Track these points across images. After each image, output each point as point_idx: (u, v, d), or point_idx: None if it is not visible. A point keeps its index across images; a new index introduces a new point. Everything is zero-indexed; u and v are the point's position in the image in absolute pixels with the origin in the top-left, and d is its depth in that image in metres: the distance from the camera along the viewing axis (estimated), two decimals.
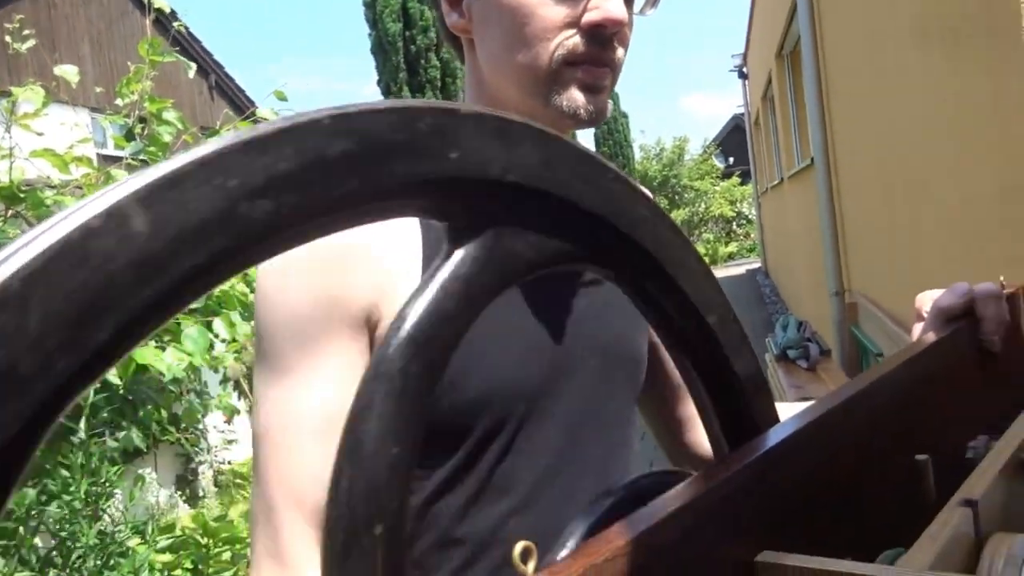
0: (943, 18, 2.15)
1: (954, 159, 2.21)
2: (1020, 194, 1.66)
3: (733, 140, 24.98)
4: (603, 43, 0.68)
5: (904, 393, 0.54)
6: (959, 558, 0.37)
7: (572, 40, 0.67)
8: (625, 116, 21.43)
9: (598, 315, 0.74)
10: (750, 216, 20.74)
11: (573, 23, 0.67)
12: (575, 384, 0.70)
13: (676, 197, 22.27)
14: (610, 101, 0.75)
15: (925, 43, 2.36)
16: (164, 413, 2.61)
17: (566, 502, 0.67)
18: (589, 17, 0.66)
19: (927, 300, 0.72)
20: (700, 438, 0.87)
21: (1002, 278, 0.77)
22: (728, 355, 0.42)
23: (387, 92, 13.37)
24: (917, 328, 0.72)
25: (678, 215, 21.64)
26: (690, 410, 0.86)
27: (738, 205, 22.03)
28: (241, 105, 10.46)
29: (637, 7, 0.73)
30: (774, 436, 0.41)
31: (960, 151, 2.14)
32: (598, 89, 0.69)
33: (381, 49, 13.11)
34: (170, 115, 2.43)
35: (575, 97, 0.68)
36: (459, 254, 0.30)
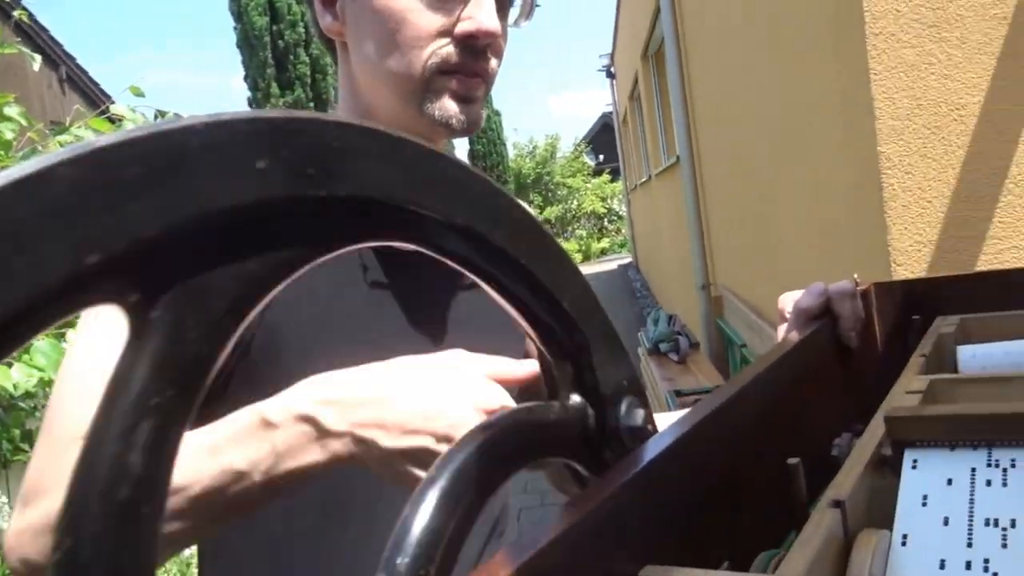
0: (794, 23, 2.27)
1: (805, 158, 2.34)
2: (865, 192, 1.77)
3: (603, 138, 25.62)
4: (476, 53, 0.67)
5: (773, 394, 0.56)
6: (831, 558, 0.38)
7: (445, 49, 0.66)
8: (498, 114, 21.61)
9: (463, 324, 0.73)
10: (621, 212, 21.34)
11: (446, 32, 0.66)
12: None
13: (549, 194, 22.65)
14: (484, 108, 0.74)
15: (777, 47, 2.48)
16: (16, 431, 2.43)
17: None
18: (462, 27, 0.66)
19: (789, 301, 0.75)
20: None
21: (856, 276, 0.81)
22: (605, 363, 0.42)
23: (255, 88, 12.97)
24: (781, 328, 0.75)
25: (552, 212, 22.01)
26: None
27: (609, 202, 22.63)
28: (96, 99, 9.83)
29: (511, 19, 0.73)
30: (653, 448, 0.41)
31: (810, 151, 2.27)
32: (471, 99, 0.69)
33: (247, 44, 12.69)
34: (12, 111, 2.25)
35: (447, 106, 0.68)
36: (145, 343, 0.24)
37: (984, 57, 1.62)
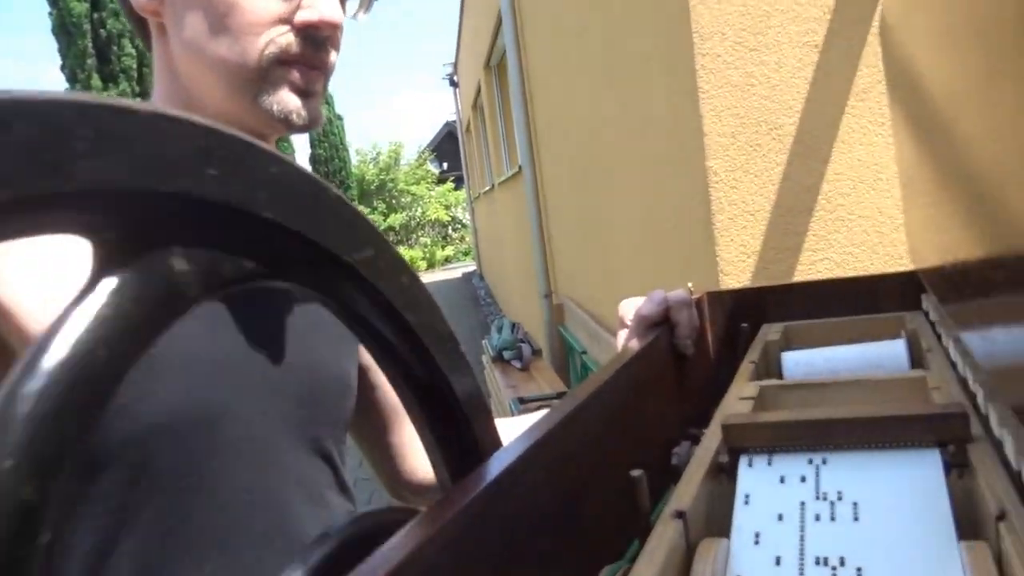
0: (627, 39, 2.36)
1: (639, 171, 2.43)
2: (694, 204, 1.86)
3: (447, 146, 25.72)
4: (317, 44, 0.64)
5: (617, 403, 0.56)
6: (675, 568, 0.38)
7: (284, 38, 0.62)
8: (340, 119, 21.21)
9: (301, 337, 0.69)
10: (465, 221, 21.47)
11: (285, 20, 0.62)
12: (274, 408, 0.65)
13: (393, 201, 22.46)
14: (325, 105, 0.71)
15: (612, 62, 2.57)
16: None
17: (263, 545, 0.61)
18: (304, 16, 0.62)
19: (630, 308, 0.76)
20: (418, 464, 0.84)
21: (690, 284, 0.84)
22: (447, 375, 0.40)
23: (73, 79, 12.05)
24: (621, 335, 0.76)
25: (396, 219, 21.84)
26: (407, 436, 0.84)
27: (453, 210, 22.74)
28: None
29: (350, 11, 0.69)
30: (498, 463, 0.40)
31: (644, 164, 2.36)
32: (311, 93, 0.65)
33: (64, 31, 11.78)
34: None
35: (287, 100, 0.63)
36: (108, 284, 0.25)
37: (798, 81, 1.74)
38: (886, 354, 0.72)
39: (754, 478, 0.45)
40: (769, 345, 0.77)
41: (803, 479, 0.44)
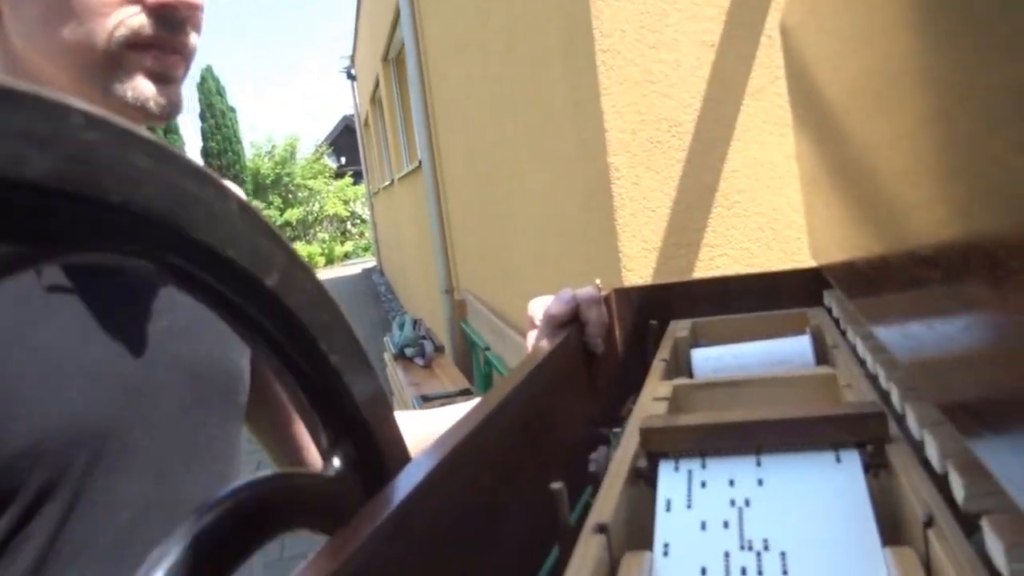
0: (529, 34, 2.35)
1: (542, 166, 2.43)
2: (597, 200, 1.86)
3: (345, 140, 25.25)
4: (174, 26, 0.58)
5: (530, 407, 0.54)
6: None
7: (136, 19, 0.56)
8: (233, 111, 20.52)
9: (184, 332, 0.64)
10: (364, 216, 21.15)
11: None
12: (160, 413, 0.60)
13: (290, 196, 21.93)
14: (218, 96, 0.66)
15: (513, 56, 2.56)
16: None
17: None
18: None
19: (539, 307, 0.74)
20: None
21: (598, 281, 0.83)
22: (345, 379, 0.37)
23: None
24: (531, 336, 0.74)
25: (293, 214, 21.33)
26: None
27: (352, 205, 22.37)
28: None
29: None
30: (407, 481, 0.37)
31: (546, 159, 2.36)
32: (169, 79, 0.60)
33: None
34: None
35: (142, 87, 0.58)
36: None
37: (696, 79, 1.77)
38: (792, 350, 0.73)
39: (674, 484, 0.43)
40: (678, 342, 0.76)
41: (724, 483, 0.43)
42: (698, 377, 0.70)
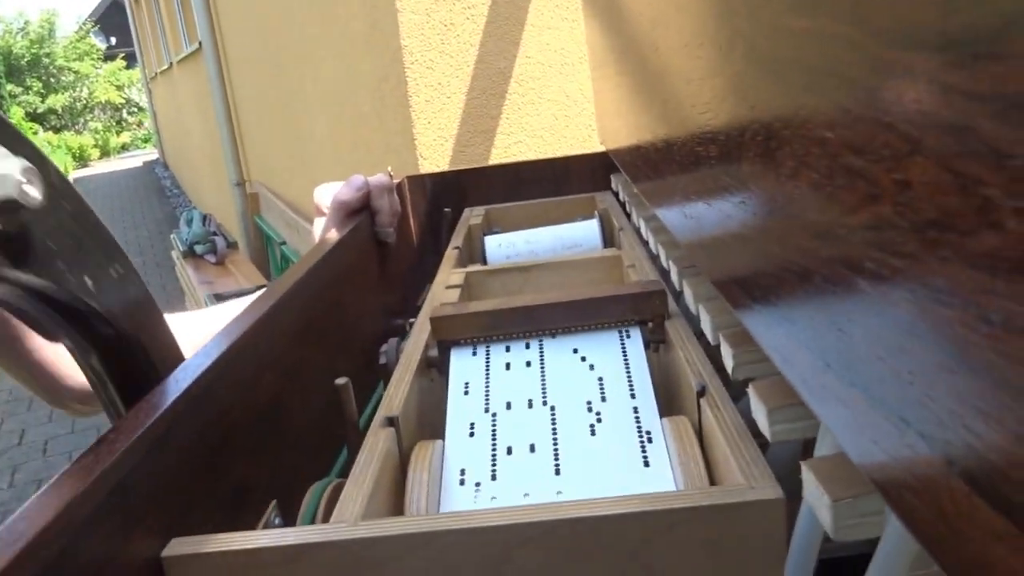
0: None
1: (333, 50, 2.30)
2: (391, 85, 1.80)
3: (114, 18, 22.65)
4: None
5: (317, 300, 0.51)
6: (389, 478, 0.35)
7: None
8: None
9: None
10: (142, 103, 19.33)
11: None
12: None
13: (52, 80, 19.56)
14: None
15: None
16: None
17: None
18: None
19: (326, 194, 0.70)
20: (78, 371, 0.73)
21: (390, 168, 0.79)
22: (92, 288, 0.33)
23: None
24: (318, 224, 0.70)
25: (57, 100, 19.10)
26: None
27: (127, 91, 20.33)
28: None
29: None
30: (176, 384, 0.34)
31: (337, 43, 2.23)
32: None
33: None
34: None
35: None
36: None
37: None
38: (581, 234, 0.74)
39: (466, 370, 0.43)
40: (472, 229, 0.75)
41: (517, 366, 0.43)
42: (492, 263, 0.70)
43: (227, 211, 4.87)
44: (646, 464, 0.35)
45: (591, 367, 0.42)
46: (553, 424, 0.39)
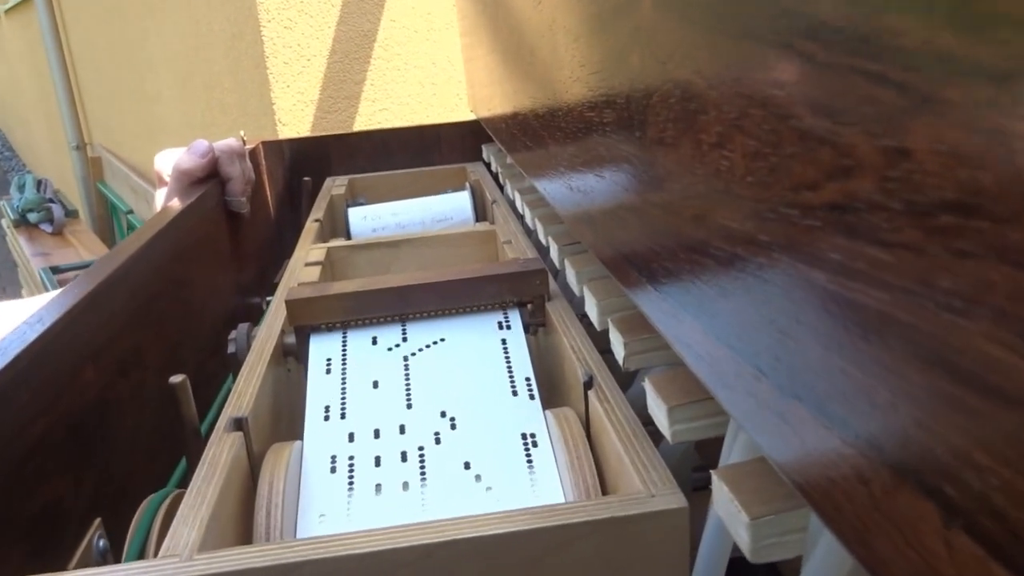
0: None
1: (182, 4, 2.14)
2: (246, 44, 1.68)
3: None
4: None
5: (153, 280, 0.45)
6: (237, 492, 0.30)
7: None
8: None
9: None
10: None
11: None
12: None
13: None
14: None
15: None
16: None
17: None
18: None
19: (167, 162, 0.63)
20: None
21: (242, 133, 0.73)
22: None
23: None
24: (160, 196, 0.63)
25: None
26: None
27: None
28: None
29: None
30: None
31: None
32: None
33: None
34: None
35: None
36: None
37: None
38: (452, 207, 0.70)
39: (326, 357, 0.38)
40: (334, 200, 0.70)
41: (382, 352, 0.38)
42: (356, 238, 0.65)
43: (66, 176, 4.50)
44: (530, 468, 0.31)
45: (465, 354, 0.38)
46: (427, 413, 0.35)
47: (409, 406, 0.35)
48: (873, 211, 0.12)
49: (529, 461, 0.32)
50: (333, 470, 0.32)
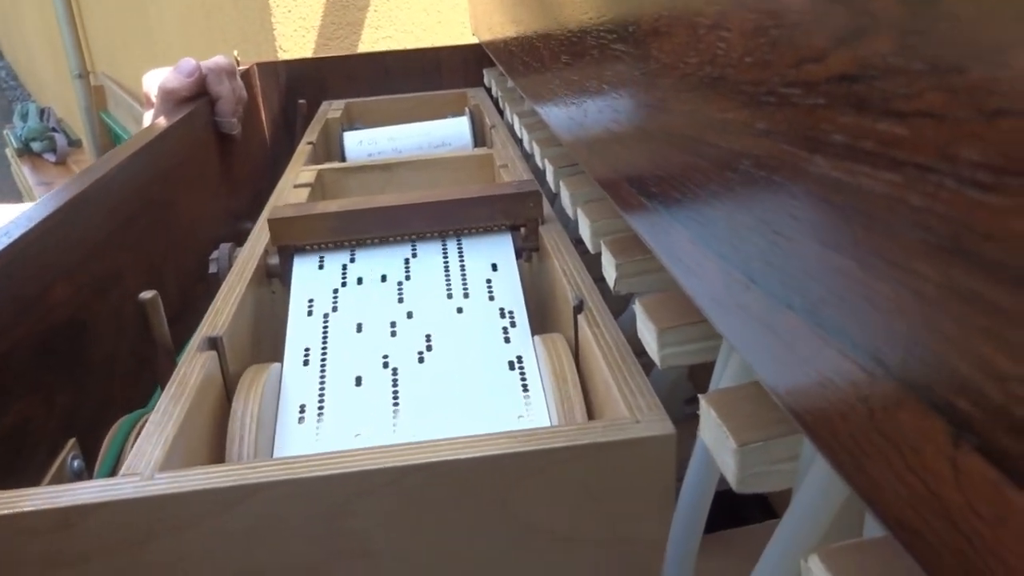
0: None
1: None
2: None
3: None
4: None
5: (137, 196, 0.43)
6: (212, 406, 0.29)
7: None
8: None
9: None
10: None
11: None
12: None
13: None
14: None
15: None
16: None
17: None
18: None
19: (154, 81, 0.61)
20: None
21: (236, 53, 0.70)
22: None
23: None
24: (148, 116, 0.61)
25: None
26: None
27: None
28: None
29: None
30: None
31: None
32: None
33: None
34: None
35: None
36: None
37: None
38: (450, 132, 0.68)
39: (311, 281, 0.37)
40: (329, 124, 0.68)
41: (366, 278, 0.37)
42: (350, 161, 0.63)
43: (69, 105, 4.44)
44: (519, 394, 0.30)
45: (455, 278, 0.37)
46: (418, 343, 0.33)
47: (394, 334, 0.34)
48: (888, 76, 0.10)
49: (519, 387, 0.31)
50: (311, 387, 0.31)
